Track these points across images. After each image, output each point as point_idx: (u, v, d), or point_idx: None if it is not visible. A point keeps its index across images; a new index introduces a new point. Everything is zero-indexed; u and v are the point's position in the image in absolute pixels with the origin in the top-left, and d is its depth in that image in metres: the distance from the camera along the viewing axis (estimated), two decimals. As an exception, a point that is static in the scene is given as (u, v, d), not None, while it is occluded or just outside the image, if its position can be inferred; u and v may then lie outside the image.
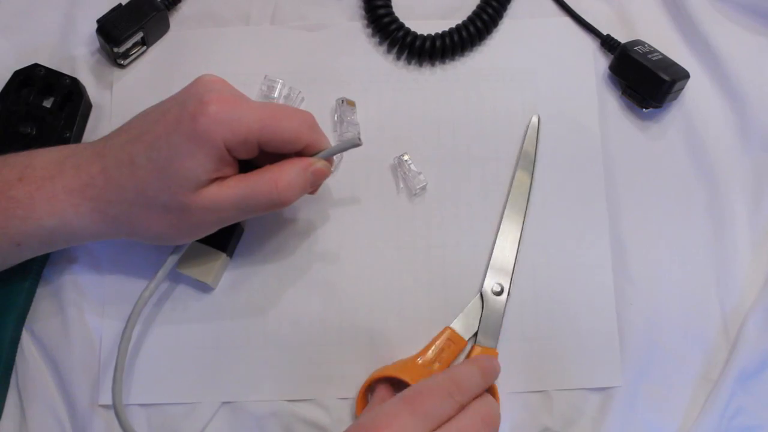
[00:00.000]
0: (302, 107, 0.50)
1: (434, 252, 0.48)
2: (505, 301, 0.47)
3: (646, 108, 0.50)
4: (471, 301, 0.47)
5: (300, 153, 0.41)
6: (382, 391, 0.43)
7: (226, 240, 0.46)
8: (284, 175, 0.39)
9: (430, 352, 0.45)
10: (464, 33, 0.51)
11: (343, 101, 0.49)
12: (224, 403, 0.46)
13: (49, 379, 0.46)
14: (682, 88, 0.50)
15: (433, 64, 0.52)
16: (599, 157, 0.50)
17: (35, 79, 0.49)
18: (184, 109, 0.38)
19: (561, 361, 0.47)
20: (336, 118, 0.50)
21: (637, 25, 0.53)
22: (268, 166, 0.40)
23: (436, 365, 0.45)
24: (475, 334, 0.46)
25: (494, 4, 0.51)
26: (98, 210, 0.40)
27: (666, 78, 0.48)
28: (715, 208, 0.49)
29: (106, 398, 0.46)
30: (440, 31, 0.51)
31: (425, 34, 0.51)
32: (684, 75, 0.49)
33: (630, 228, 0.49)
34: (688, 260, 0.49)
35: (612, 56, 0.51)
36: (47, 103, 0.49)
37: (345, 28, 0.53)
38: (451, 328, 0.46)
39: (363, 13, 0.52)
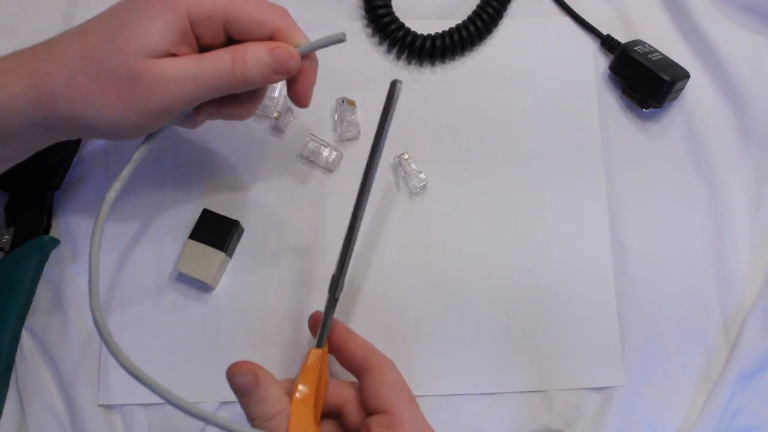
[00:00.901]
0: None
1: (434, 251, 0.48)
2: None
3: (646, 108, 0.50)
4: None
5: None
6: None
7: (225, 239, 0.46)
8: (244, 50, 0.37)
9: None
10: (464, 33, 0.51)
11: (343, 101, 0.49)
12: (224, 403, 0.46)
13: (49, 379, 0.46)
14: (682, 88, 0.50)
15: (433, 64, 0.52)
16: (599, 157, 0.50)
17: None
18: None
19: (561, 361, 0.47)
20: (336, 117, 0.50)
21: (637, 25, 0.53)
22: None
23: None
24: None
25: (494, 4, 0.51)
26: (34, 86, 0.35)
27: (666, 78, 0.48)
28: (715, 207, 0.49)
29: (106, 398, 0.46)
30: (440, 31, 0.51)
31: (425, 34, 0.51)
32: (684, 75, 0.49)
33: (630, 228, 0.49)
34: (688, 260, 0.49)
35: (612, 56, 0.51)
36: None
37: (345, 28, 0.52)
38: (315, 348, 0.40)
39: (363, 13, 0.52)
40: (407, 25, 0.51)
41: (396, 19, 0.51)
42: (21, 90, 0.35)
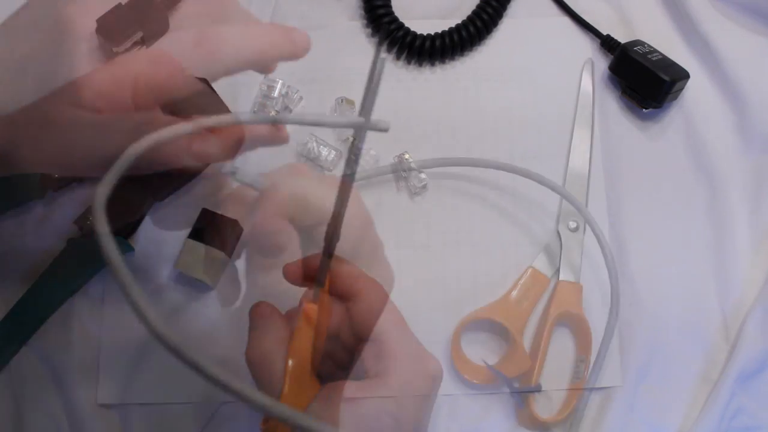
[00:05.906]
0: (301, 107, 0.50)
1: (434, 251, 0.48)
2: (582, 237, 0.48)
3: (646, 108, 0.50)
4: (548, 240, 0.48)
5: None
6: None
7: (224, 239, 0.46)
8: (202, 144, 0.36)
9: (516, 291, 0.46)
10: (464, 33, 0.51)
11: (342, 100, 0.49)
12: (224, 403, 0.46)
13: (47, 378, 0.46)
14: (682, 88, 0.50)
15: (433, 64, 0.52)
16: (599, 157, 0.50)
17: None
18: None
19: (561, 361, 0.47)
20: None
21: (637, 25, 0.53)
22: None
23: (524, 303, 0.46)
24: (557, 271, 0.47)
25: (494, 3, 0.51)
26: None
27: (666, 78, 0.48)
28: (715, 207, 0.49)
29: (105, 397, 0.46)
30: (440, 31, 0.51)
31: (425, 34, 0.51)
32: (684, 75, 0.49)
33: (630, 228, 0.49)
34: (688, 260, 0.49)
35: (612, 56, 0.51)
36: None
37: (345, 28, 0.53)
38: (533, 267, 0.47)
39: (362, 13, 0.52)
40: (407, 24, 0.51)
41: (396, 19, 0.51)
42: None
